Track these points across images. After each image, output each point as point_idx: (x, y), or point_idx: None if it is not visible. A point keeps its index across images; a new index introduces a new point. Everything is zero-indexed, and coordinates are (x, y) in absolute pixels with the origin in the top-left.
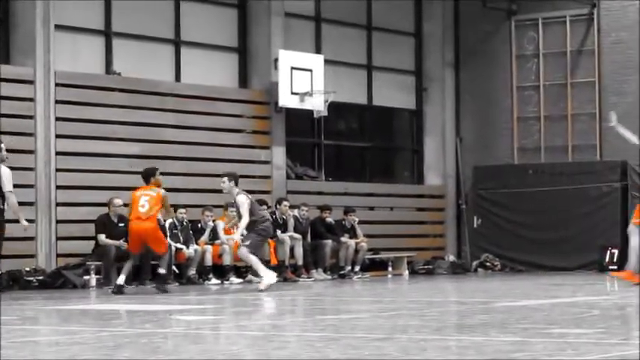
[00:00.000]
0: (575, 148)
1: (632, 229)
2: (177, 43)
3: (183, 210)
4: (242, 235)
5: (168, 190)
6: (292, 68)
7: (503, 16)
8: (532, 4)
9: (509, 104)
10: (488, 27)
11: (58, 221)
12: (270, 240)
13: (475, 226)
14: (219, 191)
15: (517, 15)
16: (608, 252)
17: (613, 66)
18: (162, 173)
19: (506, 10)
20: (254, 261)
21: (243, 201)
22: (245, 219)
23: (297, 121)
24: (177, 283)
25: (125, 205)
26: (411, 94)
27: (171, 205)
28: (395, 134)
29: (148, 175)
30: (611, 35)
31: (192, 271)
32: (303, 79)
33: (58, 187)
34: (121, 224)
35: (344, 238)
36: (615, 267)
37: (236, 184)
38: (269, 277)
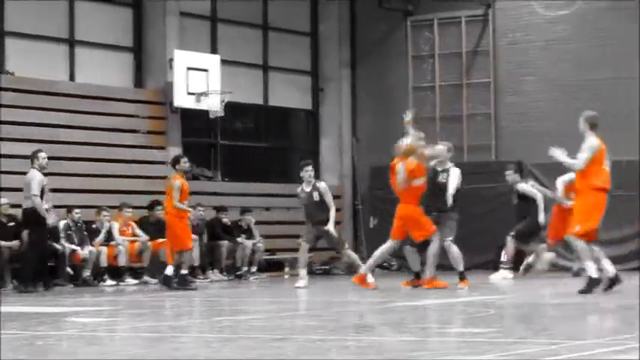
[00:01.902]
0: (470, 148)
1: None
2: (71, 43)
3: (77, 211)
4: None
5: (62, 190)
6: (188, 68)
7: (399, 16)
8: (428, 4)
9: (405, 104)
10: (385, 27)
11: None
12: (166, 240)
13: (371, 226)
14: (115, 192)
15: (413, 15)
16: (504, 251)
17: (508, 66)
18: (56, 174)
19: (402, 10)
20: None
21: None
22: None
23: (193, 121)
24: (71, 285)
25: (12, 206)
26: (308, 94)
27: (65, 206)
28: (291, 134)
29: (172, 164)
30: (507, 36)
31: (87, 273)
32: (199, 79)
33: None
34: (11, 224)
35: (240, 239)
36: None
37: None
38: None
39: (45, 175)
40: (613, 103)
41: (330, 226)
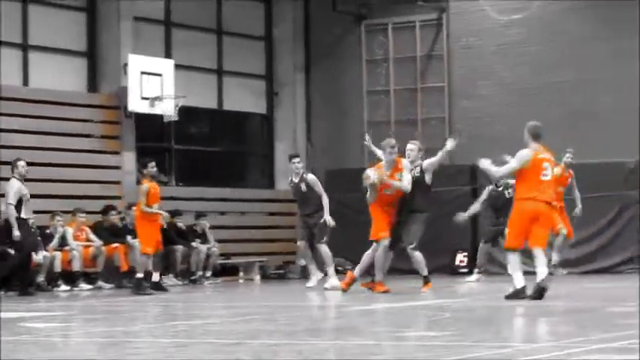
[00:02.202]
0: (425, 152)
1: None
2: (25, 47)
3: (31, 216)
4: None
5: None
6: (142, 73)
7: (353, 20)
8: (382, 8)
9: (359, 109)
10: (339, 31)
11: None
12: (120, 246)
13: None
14: (69, 197)
15: (367, 19)
16: (459, 255)
17: (462, 71)
18: (10, 179)
19: (356, 14)
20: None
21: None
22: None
23: (148, 126)
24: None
25: None
26: (262, 98)
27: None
28: (246, 139)
29: (141, 169)
30: (461, 40)
31: (41, 278)
32: (153, 84)
33: None
34: None
35: (195, 244)
36: (465, 270)
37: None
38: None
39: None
40: (570, 105)
41: (327, 215)
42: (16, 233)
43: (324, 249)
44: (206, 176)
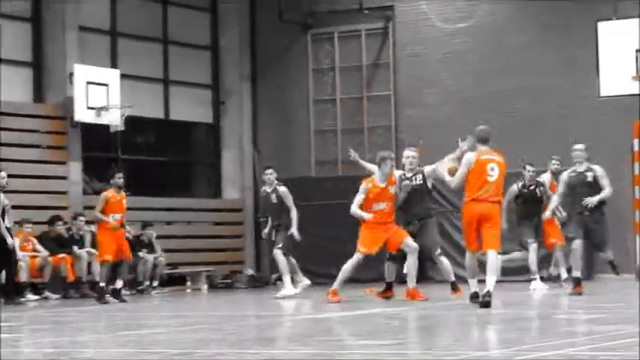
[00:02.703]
0: (371, 161)
1: None
2: None
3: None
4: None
5: None
6: (88, 83)
7: (299, 29)
8: (328, 18)
9: (306, 117)
10: (285, 40)
11: None
12: (67, 256)
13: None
14: (15, 207)
15: (313, 29)
16: (405, 262)
17: (408, 79)
18: None
19: (302, 23)
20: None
21: None
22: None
23: (94, 135)
24: None
25: None
26: (209, 107)
27: None
28: (193, 148)
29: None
30: (406, 49)
31: None
32: (99, 94)
33: None
34: None
35: (142, 253)
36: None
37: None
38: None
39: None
40: (515, 113)
41: (294, 229)
42: (10, 241)
43: (279, 256)
44: (153, 186)
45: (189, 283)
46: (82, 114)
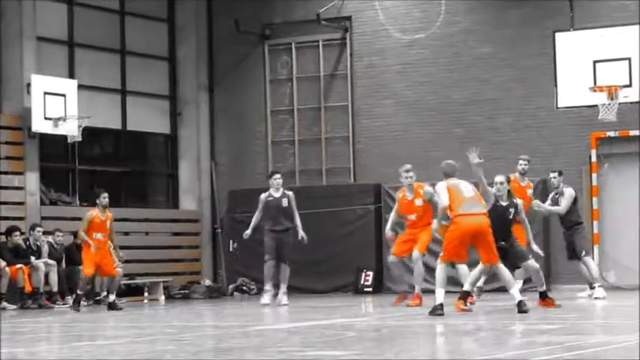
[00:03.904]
0: (329, 171)
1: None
2: None
3: None
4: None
5: None
6: (45, 93)
7: (256, 40)
8: (285, 28)
9: (263, 128)
10: (243, 51)
11: None
12: (24, 267)
13: (231, 249)
14: None
15: (270, 39)
16: (363, 274)
17: (365, 90)
18: None
19: (259, 34)
20: None
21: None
22: None
23: (51, 146)
24: None
25: None
26: (166, 118)
27: None
28: (150, 159)
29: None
30: (364, 60)
31: None
32: (57, 104)
33: None
34: None
35: None
36: (370, 289)
37: None
38: None
39: None
40: (472, 124)
41: (302, 232)
42: None
43: (287, 269)
44: (110, 196)
45: (146, 294)
46: (40, 124)
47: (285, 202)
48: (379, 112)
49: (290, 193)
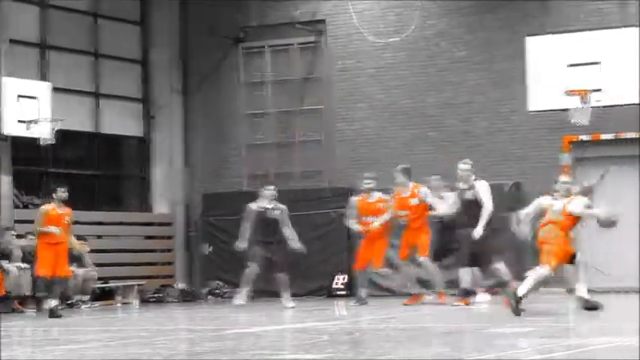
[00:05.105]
0: (303, 174)
1: None
2: None
3: None
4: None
5: None
6: (18, 96)
7: (230, 43)
8: (259, 31)
9: (238, 131)
10: (217, 54)
11: None
12: None
13: (206, 253)
14: None
15: (245, 42)
16: (336, 277)
17: (339, 93)
18: None
19: (233, 37)
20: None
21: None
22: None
23: (24, 149)
24: None
25: None
26: (139, 121)
27: None
28: (123, 162)
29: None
30: (338, 63)
31: None
32: (29, 107)
33: None
34: None
35: (72, 267)
36: (344, 292)
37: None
38: None
39: None
40: (445, 128)
41: (297, 244)
42: None
43: (285, 278)
44: (83, 199)
45: (119, 298)
46: (12, 127)
47: (276, 214)
48: (354, 115)
49: (283, 206)
